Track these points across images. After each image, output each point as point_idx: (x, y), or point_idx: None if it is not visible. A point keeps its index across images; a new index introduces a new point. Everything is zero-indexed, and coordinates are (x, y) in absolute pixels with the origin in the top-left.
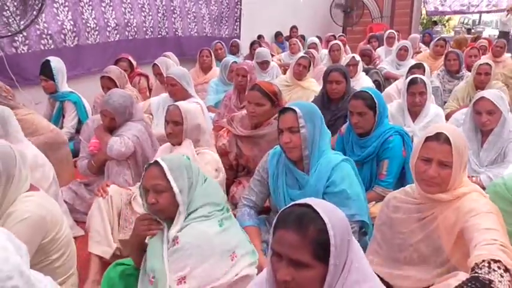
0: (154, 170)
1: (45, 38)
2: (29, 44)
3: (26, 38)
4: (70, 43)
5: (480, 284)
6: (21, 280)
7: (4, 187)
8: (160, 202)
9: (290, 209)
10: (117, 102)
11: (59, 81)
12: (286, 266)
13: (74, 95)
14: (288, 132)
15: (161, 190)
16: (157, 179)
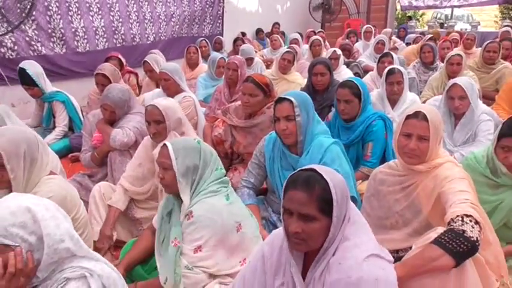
0: (164, 150)
1: (35, 45)
2: (17, 50)
3: (15, 44)
4: (59, 50)
5: (455, 233)
6: (71, 242)
7: (28, 170)
8: (166, 178)
9: (298, 173)
10: (116, 96)
11: (42, 84)
12: (297, 220)
13: (61, 94)
14: (285, 120)
15: (167, 168)
16: (164, 157)
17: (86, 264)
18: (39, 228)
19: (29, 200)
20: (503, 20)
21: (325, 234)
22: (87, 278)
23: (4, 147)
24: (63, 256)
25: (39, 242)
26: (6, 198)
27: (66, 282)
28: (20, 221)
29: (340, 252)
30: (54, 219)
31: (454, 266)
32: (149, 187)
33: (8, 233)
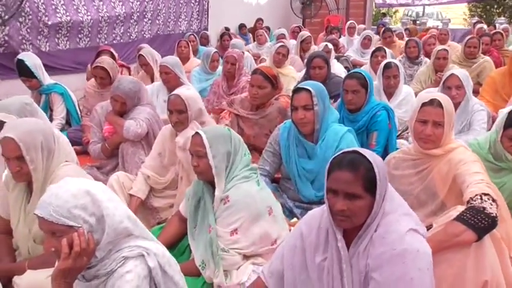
0: (197, 138)
1: (25, 43)
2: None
3: (9, 38)
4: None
5: (476, 210)
6: (130, 222)
7: (46, 161)
8: (200, 166)
9: (341, 156)
10: (127, 87)
11: (40, 76)
12: (343, 199)
13: (59, 86)
14: (303, 109)
15: (201, 156)
16: (198, 145)
17: (143, 244)
18: (99, 210)
19: (87, 183)
20: (471, 18)
21: (368, 211)
22: (145, 256)
23: (22, 139)
24: (120, 236)
25: (98, 222)
26: (65, 181)
27: (125, 261)
28: (81, 203)
29: (382, 227)
30: (111, 200)
31: (476, 240)
32: (170, 176)
33: (71, 214)
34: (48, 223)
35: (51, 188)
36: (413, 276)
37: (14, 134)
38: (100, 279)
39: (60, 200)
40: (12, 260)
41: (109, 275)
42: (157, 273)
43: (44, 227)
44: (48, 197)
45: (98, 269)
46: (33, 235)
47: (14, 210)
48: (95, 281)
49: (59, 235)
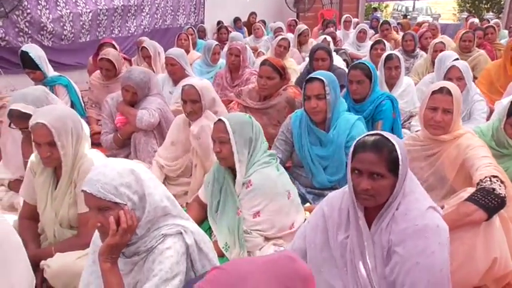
0: (220, 125)
1: (23, 36)
2: (7, 40)
3: (6, 34)
4: (48, 43)
5: (486, 191)
6: (168, 202)
7: (75, 146)
8: (223, 152)
9: (365, 138)
10: (138, 77)
11: (44, 68)
12: (367, 179)
13: (64, 78)
14: (315, 98)
15: (224, 142)
16: (221, 132)
17: (180, 222)
18: (142, 188)
19: (130, 163)
20: (461, 13)
21: (390, 190)
22: (183, 234)
23: (53, 125)
24: (159, 214)
25: (140, 201)
26: (109, 161)
27: (164, 238)
28: (126, 181)
29: (403, 206)
30: (152, 180)
31: (486, 219)
32: (183, 163)
33: (117, 191)
34: (96, 199)
35: (97, 166)
36: (435, 249)
37: (46, 120)
38: (140, 255)
39: (108, 177)
40: (37, 245)
41: (149, 252)
42: (194, 250)
43: (91, 203)
44: (95, 174)
45: (138, 246)
46: (59, 219)
47: (41, 195)
48: (135, 257)
49: (105, 211)
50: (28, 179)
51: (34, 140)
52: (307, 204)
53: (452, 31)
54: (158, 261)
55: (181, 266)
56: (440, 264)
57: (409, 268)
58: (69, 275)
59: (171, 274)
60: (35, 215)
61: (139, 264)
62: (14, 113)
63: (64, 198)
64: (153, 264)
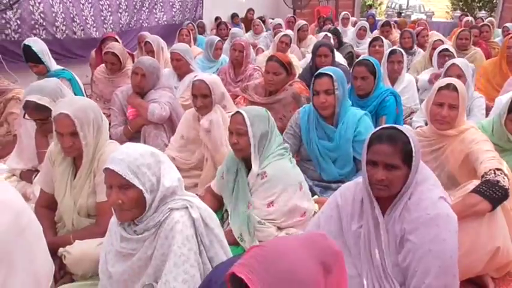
0: (239, 117)
1: (38, 28)
2: (20, 32)
3: (19, 27)
4: (60, 36)
5: (491, 183)
6: (179, 184)
7: (96, 136)
8: (240, 143)
9: (381, 131)
10: (147, 62)
11: (47, 61)
12: (382, 170)
13: (67, 72)
14: (324, 93)
15: (242, 133)
16: (239, 124)
17: (186, 197)
18: (159, 171)
19: (149, 147)
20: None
21: (404, 181)
22: (188, 208)
23: (76, 115)
24: (168, 194)
25: (157, 182)
26: (130, 144)
27: (171, 212)
28: (147, 162)
29: (416, 196)
30: (168, 163)
31: (491, 210)
32: (196, 157)
33: (139, 171)
34: (119, 177)
35: (121, 148)
36: (446, 237)
37: (69, 111)
38: (150, 231)
39: (131, 157)
40: (54, 233)
41: (157, 226)
42: (200, 225)
43: (113, 181)
44: (119, 154)
45: (148, 222)
46: (78, 208)
47: (60, 183)
48: (146, 233)
49: (126, 189)
50: (46, 168)
51: (56, 129)
52: (315, 197)
53: (445, 29)
54: (171, 236)
55: (192, 240)
56: (450, 251)
57: (421, 255)
58: (89, 261)
59: (185, 248)
60: (52, 204)
61: (150, 239)
62: (30, 104)
63: (83, 188)
64: (166, 239)
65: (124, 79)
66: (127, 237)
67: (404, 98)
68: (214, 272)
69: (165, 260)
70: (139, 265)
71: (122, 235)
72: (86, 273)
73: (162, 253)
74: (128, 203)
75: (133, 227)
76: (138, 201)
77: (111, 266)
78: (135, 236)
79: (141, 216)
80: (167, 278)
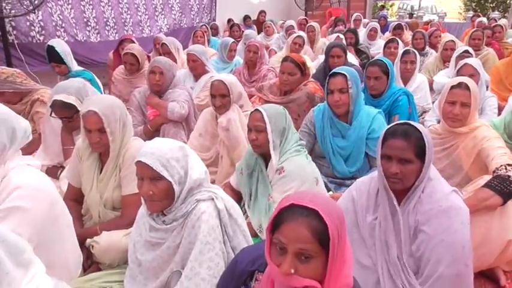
0: (257, 114)
1: (59, 30)
2: (45, 35)
3: (43, 29)
4: (81, 38)
5: (502, 178)
6: (205, 176)
7: (122, 133)
8: (259, 139)
9: (395, 127)
10: (163, 60)
11: (69, 62)
12: (396, 163)
13: (88, 72)
14: (338, 92)
15: (261, 130)
16: (258, 121)
17: (211, 189)
18: (186, 164)
19: (177, 141)
20: (466, 12)
21: (417, 174)
22: (214, 199)
23: (104, 112)
24: (195, 186)
25: (184, 175)
26: (160, 139)
27: (197, 203)
28: (176, 156)
29: (428, 189)
30: (194, 156)
31: (502, 204)
32: (212, 154)
33: (169, 164)
34: (151, 170)
35: (150, 143)
36: (457, 228)
37: (97, 108)
38: (178, 221)
39: (161, 151)
40: (81, 225)
41: (185, 216)
42: (225, 215)
43: (145, 173)
44: (150, 148)
45: (176, 213)
46: (104, 201)
47: (87, 178)
48: (174, 223)
49: (156, 181)
50: (74, 163)
51: (85, 126)
52: (330, 193)
53: (457, 30)
54: (197, 226)
55: (217, 229)
56: (462, 242)
57: (434, 245)
58: (116, 251)
59: (210, 237)
60: (79, 197)
61: (178, 229)
62: (57, 103)
63: (109, 182)
64: (193, 229)
65: (142, 79)
66: (156, 227)
67: (416, 97)
68: (240, 254)
69: (191, 248)
70: (168, 253)
71: (151, 225)
72: (113, 262)
73: (189, 242)
74: (158, 194)
75: (162, 218)
76: (168, 193)
77: (140, 255)
78: (163, 226)
79: (169, 207)
80: (193, 265)
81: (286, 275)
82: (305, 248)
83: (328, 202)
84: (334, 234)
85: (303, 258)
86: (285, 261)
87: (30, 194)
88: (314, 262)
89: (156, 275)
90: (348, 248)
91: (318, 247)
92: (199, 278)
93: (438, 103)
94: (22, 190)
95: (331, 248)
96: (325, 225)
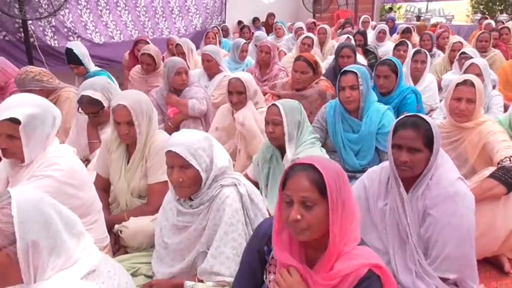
0: (274, 109)
1: (72, 36)
2: (57, 39)
3: (55, 34)
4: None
5: (506, 169)
6: (229, 163)
7: (147, 126)
8: (276, 132)
9: (405, 118)
10: (181, 60)
11: (87, 63)
12: (406, 152)
13: (104, 73)
14: (350, 89)
15: (277, 123)
16: (275, 115)
17: (235, 176)
18: (212, 153)
19: (203, 132)
20: (474, 14)
21: (425, 163)
22: (237, 185)
23: (133, 106)
24: (219, 173)
25: (210, 163)
26: (187, 130)
27: (221, 188)
28: (202, 146)
29: (436, 176)
30: (219, 146)
31: (506, 193)
32: (228, 147)
33: (197, 153)
34: (181, 158)
35: (178, 134)
36: (463, 212)
37: (127, 102)
38: (204, 204)
39: (189, 141)
40: (108, 213)
41: (211, 200)
42: (247, 200)
43: (175, 161)
44: (178, 139)
45: (202, 198)
46: (131, 189)
47: (115, 168)
48: (201, 207)
49: (186, 169)
50: (102, 154)
51: (115, 119)
52: None
53: (465, 32)
54: (222, 209)
55: (240, 212)
56: (467, 225)
57: (441, 227)
58: (144, 235)
59: (234, 219)
60: (106, 187)
61: (204, 212)
62: (84, 99)
63: (136, 171)
64: (217, 212)
65: (158, 79)
66: (183, 212)
67: (425, 96)
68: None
69: (216, 230)
70: (194, 235)
71: (179, 210)
72: (141, 246)
73: (214, 224)
74: (187, 181)
75: (189, 202)
76: (195, 180)
77: (167, 238)
78: (190, 210)
79: (196, 193)
80: (218, 244)
81: (294, 220)
82: (306, 196)
83: (325, 160)
84: (331, 183)
85: (307, 205)
86: (292, 210)
87: (65, 169)
88: (316, 209)
89: (182, 256)
90: (353, 204)
91: (317, 195)
92: (224, 256)
93: (445, 100)
94: (59, 166)
95: (329, 194)
96: (321, 176)
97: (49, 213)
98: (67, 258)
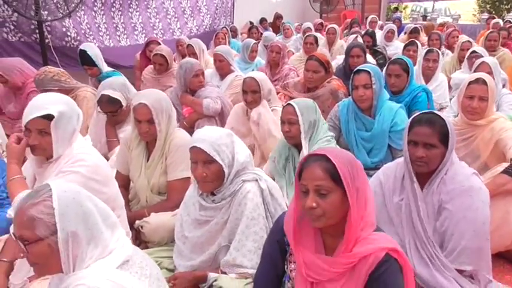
0: (290, 108)
1: (88, 37)
2: (79, 40)
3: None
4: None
5: None
6: (249, 159)
7: (167, 124)
8: (292, 131)
9: (421, 115)
10: (196, 62)
11: (100, 64)
12: (422, 148)
13: (117, 73)
14: (363, 88)
15: (293, 122)
16: (291, 114)
17: (255, 171)
18: (233, 149)
19: (224, 129)
20: (481, 14)
21: (440, 158)
22: (258, 180)
23: (153, 105)
24: (241, 169)
25: (232, 159)
26: (209, 127)
27: (243, 183)
28: (225, 142)
29: (451, 171)
30: (240, 142)
31: None
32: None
33: (220, 149)
34: (205, 154)
35: (201, 130)
36: (478, 206)
37: (147, 101)
38: (226, 199)
39: (213, 138)
40: (129, 209)
41: (232, 195)
42: (267, 195)
43: (199, 157)
44: (202, 135)
45: (224, 192)
46: (151, 186)
47: (136, 165)
48: (223, 201)
49: (209, 164)
50: (123, 152)
51: (136, 117)
52: None
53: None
54: (244, 203)
55: (261, 206)
56: (482, 219)
57: (457, 220)
58: (165, 230)
59: (255, 213)
60: (126, 184)
61: (226, 207)
62: (104, 98)
63: (156, 168)
64: (239, 206)
65: (170, 79)
66: (206, 206)
67: (435, 95)
68: (280, 216)
69: (238, 223)
70: (216, 229)
71: (201, 204)
72: (162, 241)
73: (236, 218)
74: (210, 176)
75: (211, 197)
76: (218, 175)
77: (188, 232)
78: (213, 205)
79: (219, 188)
80: (240, 237)
81: (310, 208)
82: (320, 184)
83: (338, 150)
84: (344, 170)
85: (321, 193)
86: (308, 198)
87: (90, 165)
88: (331, 197)
89: (202, 249)
90: (367, 192)
91: (331, 183)
92: (246, 249)
93: (457, 98)
94: (84, 162)
95: (343, 180)
96: (334, 165)
97: (87, 206)
98: (103, 248)
